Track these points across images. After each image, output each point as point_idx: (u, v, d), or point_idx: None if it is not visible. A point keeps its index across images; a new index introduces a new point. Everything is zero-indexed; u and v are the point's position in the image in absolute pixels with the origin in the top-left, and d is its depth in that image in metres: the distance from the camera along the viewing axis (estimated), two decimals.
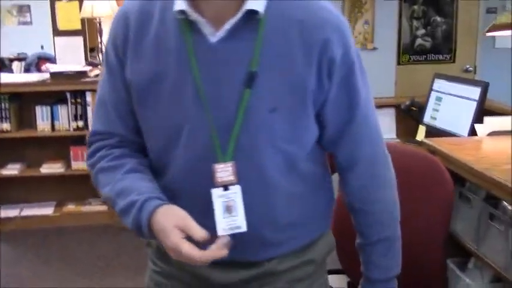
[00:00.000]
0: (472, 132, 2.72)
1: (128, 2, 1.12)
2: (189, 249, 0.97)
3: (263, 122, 1.04)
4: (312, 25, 1.04)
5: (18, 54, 4.92)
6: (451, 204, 1.65)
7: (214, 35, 1.03)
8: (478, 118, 2.74)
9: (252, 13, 1.01)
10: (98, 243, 3.88)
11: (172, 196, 1.09)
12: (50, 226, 4.13)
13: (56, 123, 4.10)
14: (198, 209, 1.05)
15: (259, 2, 1.01)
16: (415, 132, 3.40)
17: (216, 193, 1.05)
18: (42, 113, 4.07)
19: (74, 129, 4.10)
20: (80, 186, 4.35)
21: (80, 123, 4.10)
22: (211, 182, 1.05)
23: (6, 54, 4.93)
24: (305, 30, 1.03)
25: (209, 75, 1.03)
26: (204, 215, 1.04)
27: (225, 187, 1.05)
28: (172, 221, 1.00)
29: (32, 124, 4.10)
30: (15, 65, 4.70)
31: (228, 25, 1.02)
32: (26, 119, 4.18)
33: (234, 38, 1.02)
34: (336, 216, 1.35)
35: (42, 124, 4.08)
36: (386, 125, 3.66)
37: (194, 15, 1.02)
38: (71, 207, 4.29)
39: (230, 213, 1.05)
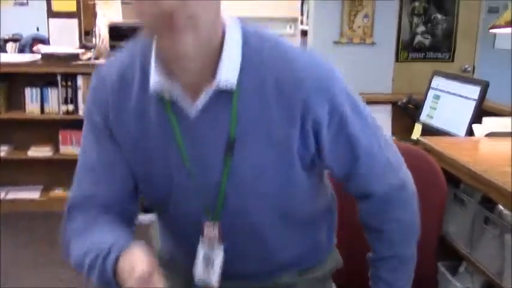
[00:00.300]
0: (470, 132, 2.66)
1: (106, 66, 1.11)
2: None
3: (249, 186, 1.06)
4: (288, 85, 1.01)
5: (13, 35, 4.83)
6: (444, 205, 1.60)
7: (191, 106, 1.02)
8: (476, 118, 2.67)
9: (221, 87, 1.00)
10: None
11: (175, 248, 1.21)
12: (36, 210, 4.05)
13: (46, 106, 4.01)
14: (188, 261, 1.15)
15: (232, 74, 0.99)
16: (411, 130, 3.33)
17: (202, 245, 1.13)
18: (31, 95, 3.98)
19: (64, 113, 4.02)
20: (68, 171, 4.21)
21: (70, 107, 4.02)
22: (198, 239, 1.13)
23: (1, 35, 4.84)
24: (282, 92, 1.01)
25: (192, 145, 1.05)
26: (191, 268, 1.14)
27: (210, 245, 1.12)
28: (136, 275, 0.91)
29: (21, 106, 4.01)
30: (10, 46, 4.62)
31: (203, 98, 1.01)
32: (14, 101, 4.09)
33: (211, 108, 1.02)
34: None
35: (31, 106, 4.00)
36: (382, 122, 3.56)
37: (169, 90, 1.01)
38: (58, 192, 4.21)
39: (207, 267, 1.13)
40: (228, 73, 0.99)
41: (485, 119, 2.49)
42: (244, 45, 1.01)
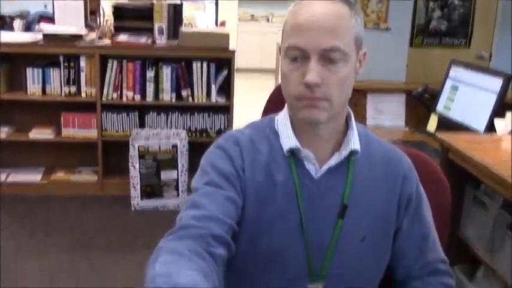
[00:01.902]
0: (490, 127, 2.52)
1: (236, 132, 1.23)
2: None
3: (353, 250, 1.16)
4: (392, 164, 1.21)
5: (21, 12, 4.71)
6: (449, 209, 1.49)
7: (316, 171, 1.16)
8: (498, 112, 2.53)
9: (351, 153, 1.16)
10: (84, 216, 3.72)
11: None
12: (37, 194, 3.97)
13: (48, 87, 3.90)
14: None
15: (357, 143, 1.17)
16: (426, 121, 3.19)
17: None
18: (33, 76, 3.87)
19: (66, 95, 3.91)
20: (69, 154, 4.18)
21: (73, 89, 3.91)
22: None
23: (8, 11, 4.71)
24: (386, 169, 1.20)
25: (310, 207, 1.15)
26: None
27: None
28: None
29: (22, 87, 3.90)
30: (17, 23, 4.51)
31: (332, 162, 1.16)
32: (16, 82, 3.99)
33: (331, 174, 1.17)
34: None
35: (33, 87, 3.89)
36: (395, 112, 3.46)
37: (304, 152, 1.16)
38: (59, 175, 4.12)
39: None
40: (355, 143, 1.17)
41: (509, 114, 2.34)
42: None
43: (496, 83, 2.64)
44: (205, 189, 1.11)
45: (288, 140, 1.17)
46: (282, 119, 1.21)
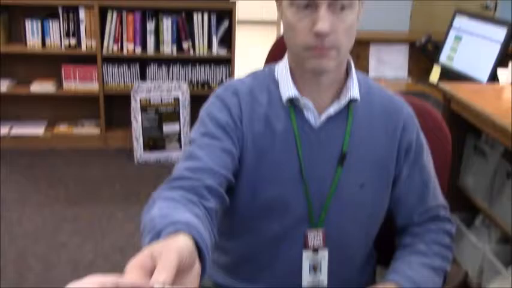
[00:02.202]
0: (493, 77, 2.50)
1: (236, 82, 1.22)
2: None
3: (352, 196, 1.18)
4: (392, 111, 1.21)
5: None
6: (449, 159, 1.49)
7: (315, 119, 1.17)
8: (501, 62, 2.51)
9: (350, 101, 1.17)
10: (88, 168, 3.75)
11: (260, 257, 1.21)
12: (40, 147, 3.99)
13: (47, 39, 3.86)
14: (285, 266, 1.20)
15: (356, 90, 1.17)
16: (428, 72, 3.17)
17: (306, 255, 1.20)
18: (32, 28, 3.82)
19: (66, 47, 3.88)
20: (72, 107, 4.18)
21: (72, 41, 3.87)
22: (301, 244, 1.19)
23: None
24: (387, 117, 1.20)
25: (310, 155, 1.17)
26: (291, 271, 1.20)
27: (314, 250, 1.20)
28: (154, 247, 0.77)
29: (22, 39, 3.86)
30: None
31: (331, 111, 1.16)
32: (15, 34, 3.94)
33: (331, 123, 1.17)
34: None
35: (33, 40, 3.85)
36: (398, 63, 3.43)
37: (303, 102, 1.16)
38: (62, 128, 4.13)
39: (315, 271, 1.21)
40: (354, 91, 1.17)
41: None
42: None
43: (500, 33, 2.61)
44: (202, 141, 1.12)
45: (287, 89, 1.17)
46: (282, 69, 1.20)
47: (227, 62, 4.00)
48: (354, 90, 1.17)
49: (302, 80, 1.17)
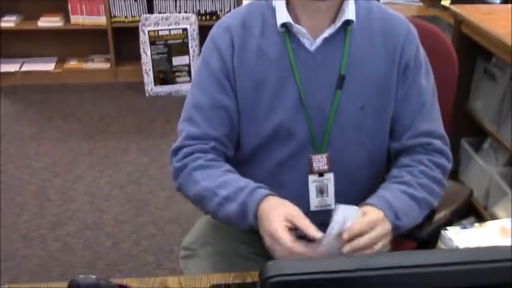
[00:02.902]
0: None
1: (228, 17, 1.24)
2: (287, 238, 1.03)
3: (352, 118, 1.19)
4: (392, 32, 1.19)
5: None
6: (455, 82, 1.49)
7: (311, 44, 1.17)
8: None
9: (346, 23, 1.16)
10: (100, 102, 3.79)
11: (267, 184, 1.19)
12: (51, 82, 4.02)
13: None
14: (292, 192, 1.20)
15: (352, 12, 1.16)
16: None
17: (312, 179, 1.22)
18: None
19: None
20: (81, 42, 4.17)
21: None
22: (307, 169, 1.22)
23: None
24: (386, 37, 1.19)
25: (307, 79, 1.18)
26: (299, 196, 1.20)
27: (320, 174, 1.22)
28: (282, 212, 1.06)
29: None
30: None
31: (326, 34, 1.16)
32: None
33: (327, 46, 1.17)
34: None
35: None
36: None
37: (296, 27, 1.16)
38: (72, 63, 4.15)
39: (322, 194, 1.24)
40: (350, 13, 1.16)
41: None
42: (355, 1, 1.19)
43: None
44: (199, 101, 1.21)
45: (282, 15, 1.17)
46: None
47: None
48: (349, 12, 1.16)
49: (299, 6, 1.17)
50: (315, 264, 0.58)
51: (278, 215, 1.05)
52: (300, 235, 1.05)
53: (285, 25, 1.17)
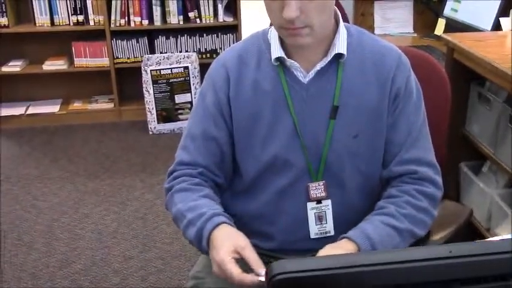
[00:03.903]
0: (497, 26, 2.52)
1: (225, 53, 1.30)
2: (233, 270, 1.06)
3: (347, 147, 1.22)
4: (383, 61, 1.22)
5: None
6: (448, 106, 1.53)
7: (304, 76, 1.22)
8: (504, 11, 2.52)
9: (337, 56, 1.20)
10: (104, 142, 3.85)
11: (267, 213, 1.27)
12: (56, 124, 4.09)
13: (55, 17, 3.92)
14: (293, 219, 1.26)
15: (343, 46, 1.20)
16: (434, 26, 3.18)
17: (310, 206, 1.26)
18: (40, 7, 3.88)
19: (74, 24, 3.93)
20: (85, 84, 4.25)
21: (80, 18, 3.92)
22: (305, 197, 1.25)
23: None
24: (378, 68, 1.21)
25: (302, 110, 1.22)
26: (299, 224, 1.26)
27: (318, 201, 1.25)
28: (232, 243, 1.10)
29: (30, 19, 3.92)
30: None
31: (318, 67, 1.21)
32: (23, 13, 4.00)
33: (320, 78, 1.21)
34: None
35: (41, 19, 3.91)
36: (402, 18, 3.43)
37: (289, 61, 1.21)
38: (77, 105, 4.22)
39: (321, 222, 1.26)
40: (341, 47, 1.20)
41: None
42: (347, 32, 1.23)
43: None
44: (193, 131, 1.29)
45: (276, 50, 1.22)
46: (273, 30, 1.25)
47: (234, 28, 4.03)
48: (340, 46, 1.20)
49: (289, 43, 1.21)
50: (318, 262, 0.61)
51: (228, 246, 1.09)
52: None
53: (279, 59, 1.22)
